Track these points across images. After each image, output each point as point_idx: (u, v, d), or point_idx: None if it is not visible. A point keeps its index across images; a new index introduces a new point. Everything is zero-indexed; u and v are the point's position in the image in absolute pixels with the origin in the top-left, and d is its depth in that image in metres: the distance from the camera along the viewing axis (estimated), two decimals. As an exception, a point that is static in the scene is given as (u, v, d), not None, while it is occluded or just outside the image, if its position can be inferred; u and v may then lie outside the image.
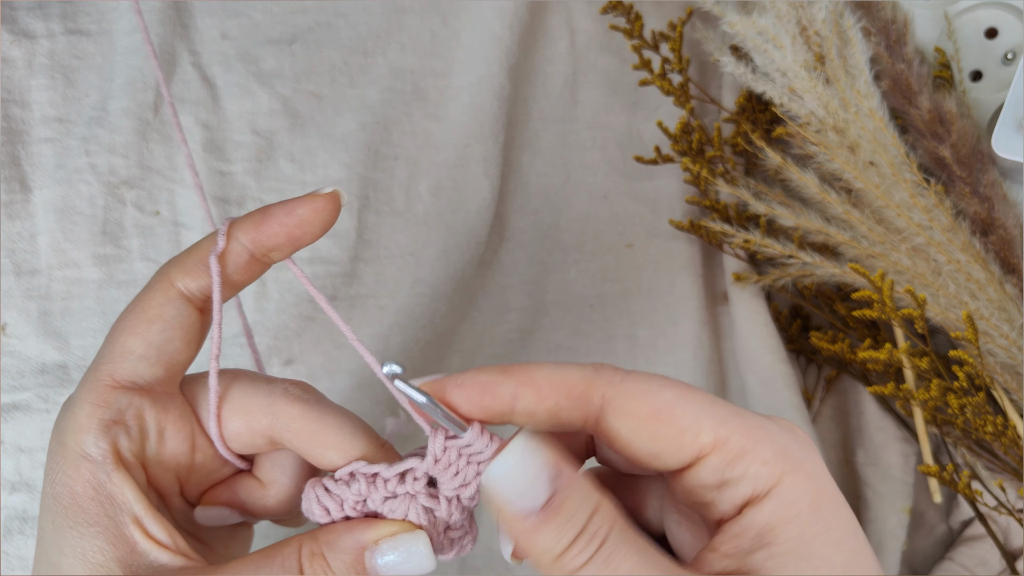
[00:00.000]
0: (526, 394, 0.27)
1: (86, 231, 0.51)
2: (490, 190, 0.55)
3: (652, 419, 0.26)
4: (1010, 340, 0.48)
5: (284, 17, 0.57)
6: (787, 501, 0.26)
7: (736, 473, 0.26)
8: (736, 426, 0.26)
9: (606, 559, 0.25)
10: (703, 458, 0.26)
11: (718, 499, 0.27)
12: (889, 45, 0.52)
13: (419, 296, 0.52)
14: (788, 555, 0.25)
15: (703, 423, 0.26)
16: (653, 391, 0.27)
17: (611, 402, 0.27)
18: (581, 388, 0.27)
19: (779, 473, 0.26)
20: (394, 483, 0.28)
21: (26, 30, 0.53)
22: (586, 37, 0.61)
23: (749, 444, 0.26)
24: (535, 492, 0.25)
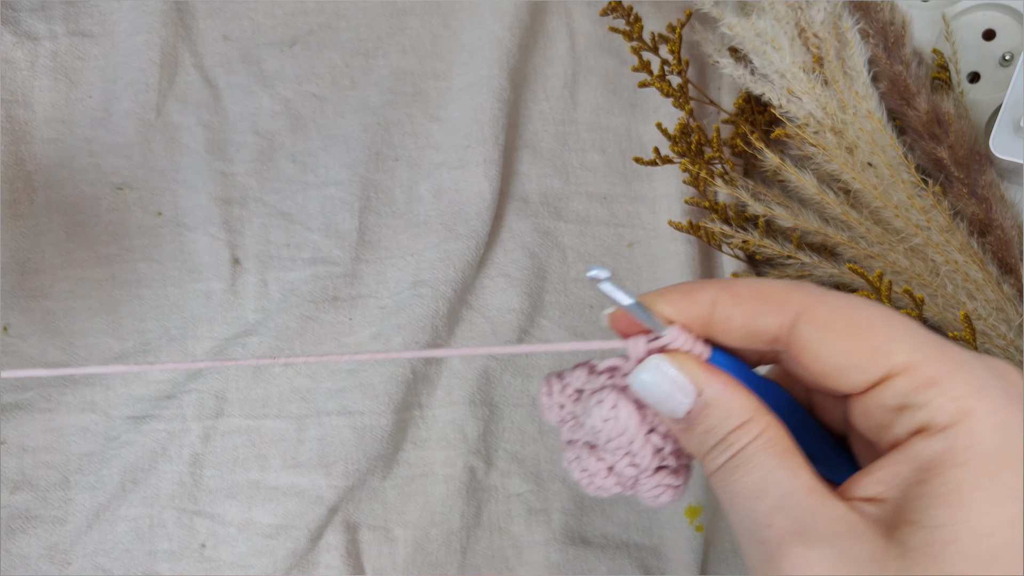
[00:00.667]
0: (724, 299, 0.27)
1: (89, 231, 0.51)
2: (490, 191, 0.55)
3: (847, 332, 0.25)
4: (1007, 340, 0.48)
5: (285, 19, 0.57)
6: (962, 443, 0.24)
7: (920, 400, 0.24)
8: (934, 354, 0.25)
9: (734, 468, 0.26)
10: (891, 379, 0.25)
11: (895, 423, 0.25)
12: (887, 47, 0.52)
13: (420, 297, 0.52)
14: (938, 498, 0.23)
15: (900, 343, 0.25)
16: (854, 306, 0.26)
17: (808, 310, 0.26)
18: (780, 295, 0.26)
19: (965, 412, 0.24)
20: (602, 378, 0.28)
21: (29, 31, 0.54)
22: (586, 39, 0.61)
23: (943, 374, 0.24)
24: (674, 403, 0.27)
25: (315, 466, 0.49)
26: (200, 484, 0.49)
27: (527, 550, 0.51)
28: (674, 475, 0.29)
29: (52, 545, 0.47)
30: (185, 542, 0.48)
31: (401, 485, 0.51)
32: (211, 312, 0.52)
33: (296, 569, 0.48)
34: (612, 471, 0.29)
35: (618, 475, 0.29)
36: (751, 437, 0.26)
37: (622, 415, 0.28)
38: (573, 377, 0.29)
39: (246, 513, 0.49)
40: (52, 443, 0.49)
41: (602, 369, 0.28)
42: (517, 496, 0.52)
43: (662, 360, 0.27)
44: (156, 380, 0.50)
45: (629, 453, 0.28)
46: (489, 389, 0.53)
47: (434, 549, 0.50)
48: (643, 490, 0.29)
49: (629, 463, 0.28)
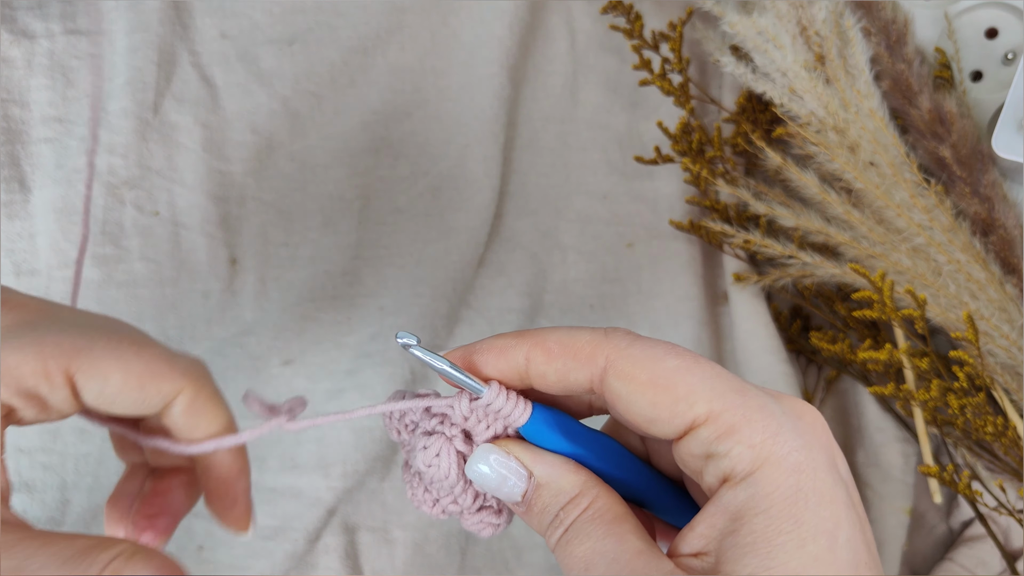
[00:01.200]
0: (537, 356, 0.28)
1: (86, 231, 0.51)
2: (490, 190, 0.55)
3: (650, 385, 0.27)
4: (1010, 340, 0.48)
5: (284, 17, 0.57)
6: (762, 491, 0.25)
7: (722, 449, 0.26)
8: (733, 402, 0.26)
9: (567, 542, 0.27)
10: (695, 428, 0.26)
11: (704, 470, 0.27)
12: (889, 45, 0.52)
13: (419, 296, 0.52)
14: (747, 548, 0.25)
15: (700, 394, 0.26)
16: (657, 358, 0.27)
17: (614, 364, 0.27)
18: (588, 350, 0.27)
19: (763, 458, 0.25)
20: (434, 421, 0.29)
21: (25, 30, 0.53)
22: (586, 37, 0.61)
23: (741, 423, 0.26)
24: (508, 489, 0.28)
25: (313, 468, 0.49)
26: (198, 485, 0.49)
27: (526, 552, 0.51)
28: (496, 514, 0.30)
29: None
30: (183, 544, 0.48)
31: (400, 487, 0.50)
32: (209, 312, 0.52)
33: (294, 571, 0.48)
34: (437, 503, 0.30)
35: (443, 508, 0.30)
36: (580, 510, 0.27)
37: (443, 464, 0.29)
38: (408, 413, 0.30)
39: (244, 514, 0.49)
40: (49, 444, 0.49)
41: (435, 412, 0.29)
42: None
43: (491, 450, 0.28)
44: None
45: (452, 494, 0.30)
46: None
47: (433, 551, 0.50)
48: (467, 524, 0.31)
49: (452, 501, 0.30)
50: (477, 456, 0.29)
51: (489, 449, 0.29)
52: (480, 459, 0.28)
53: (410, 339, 0.28)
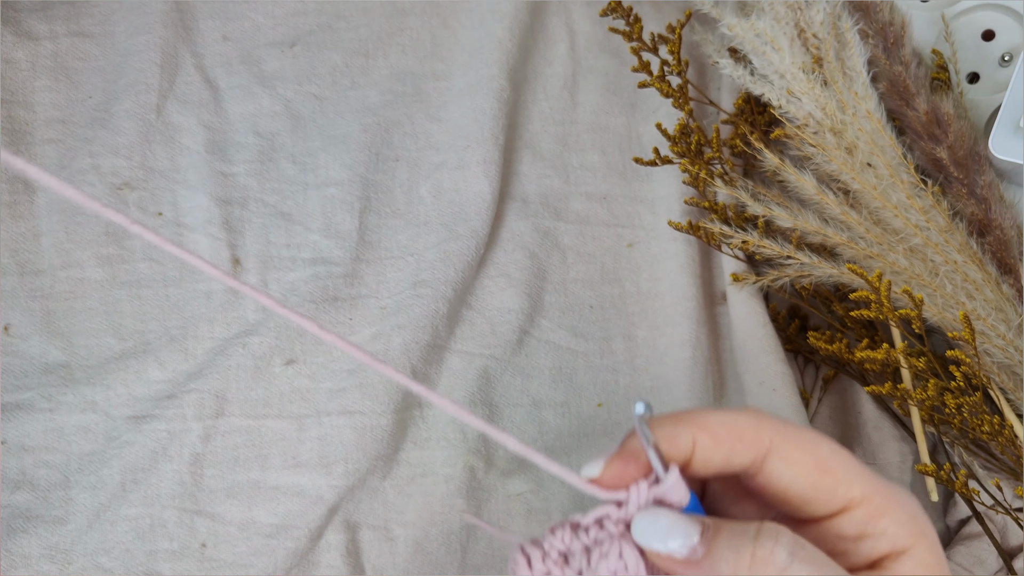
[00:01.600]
0: (703, 440, 0.29)
1: (89, 232, 0.51)
2: (490, 192, 0.55)
3: (814, 469, 0.29)
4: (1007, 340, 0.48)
5: (285, 19, 0.57)
6: (923, 562, 0.29)
7: (877, 529, 0.29)
8: (879, 487, 0.29)
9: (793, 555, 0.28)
10: (849, 511, 0.29)
11: (853, 550, 0.29)
12: (887, 47, 0.52)
13: (420, 297, 0.52)
14: None
15: (855, 479, 0.29)
16: (815, 442, 0.29)
17: (778, 448, 0.29)
18: (752, 433, 0.29)
19: (914, 536, 0.29)
20: (595, 531, 0.28)
21: (29, 32, 0.54)
22: (585, 39, 0.61)
23: (890, 505, 0.29)
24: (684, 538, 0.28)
25: (315, 466, 0.49)
26: (200, 484, 0.49)
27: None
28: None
29: (52, 545, 0.47)
30: (185, 542, 0.48)
31: (401, 485, 0.51)
32: (212, 312, 0.52)
33: (296, 569, 0.48)
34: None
35: None
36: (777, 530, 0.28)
37: (631, 561, 0.28)
38: (555, 540, 0.29)
39: (246, 513, 0.49)
40: (53, 443, 0.49)
41: (588, 523, 0.29)
42: (517, 496, 0.52)
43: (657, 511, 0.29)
44: (156, 380, 0.50)
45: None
46: (489, 389, 0.53)
47: (434, 549, 0.50)
48: None
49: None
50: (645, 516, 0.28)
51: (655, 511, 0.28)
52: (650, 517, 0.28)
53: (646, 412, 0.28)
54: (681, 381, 0.54)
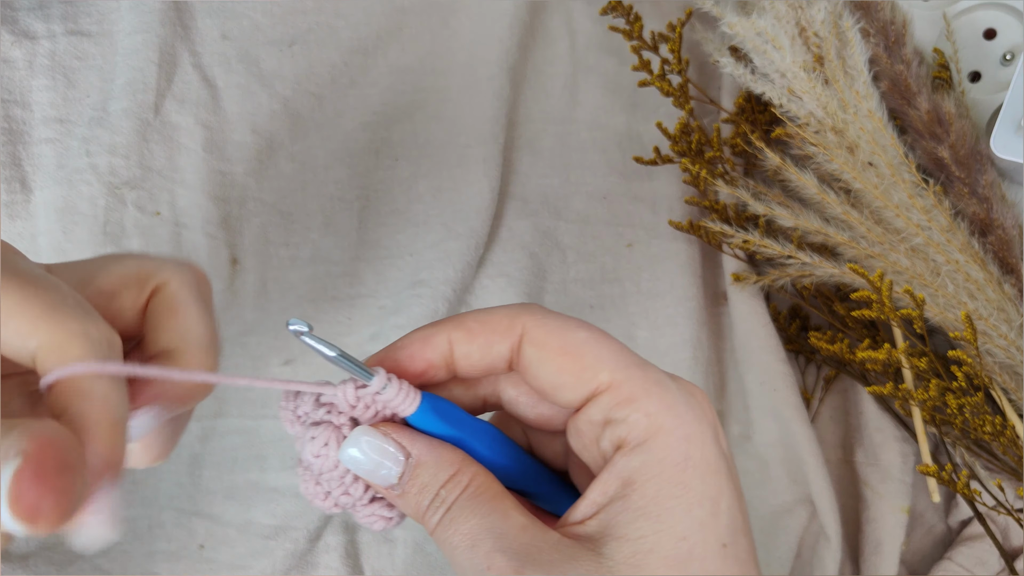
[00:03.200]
0: (459, 337, 0.29)
1: (87, 231, 0.51)
2: (490, 191, 0.55)
3: (560, 352, 0.28)
4: (1008, 340, 0.48)
5: (284, 18, 0.57)
6: (655, 457, 0.27)
7: (620, 415, 0.27)
8: (634, 375, 0.28)
9: (451, 520, 0.28)
10: (597, 396, 0.28)
11: (601, 437, 0.28)
12: (888, 46, 0.52)
13: (419, 296, 0.52)
14: (638, 512, 0.26)
15: (605, 363, 0.28)
16: (569, 329, 0.29)
17: (528, 332, 0.29)
18: (506, 323, 0.29)
19: (656, 427, 0.27)
20: (321, 411, 0.29)
21: (27, 31, 0.53)
22: (586, 38, 0.61)
23: (639, 393, 0.28)
24: (385, 471, 0.28)
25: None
26: (199, 485, 0.49)
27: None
28: (388, 507, 0.30)
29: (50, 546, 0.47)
30: (184, 543, 0.48)
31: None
32: (210, 312, 0.52)
33: (295, 570, 0.48)
34: (329, 496, 0.30)
35: (335, 501, 0.30)
36: (461, 488, 0.28)
37: (332, 454, 0.29)
38: (302, 401, 0.30)
39: (245, 514, 0.49)
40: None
41: (323, 402, 0.29)
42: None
43: (365, 432, 0.28)
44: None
45: (342, 485, 0.29)
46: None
47: (433, 550, 0.50)
48: (359, 518, 0.30)
49: (343, 493, 0.30)
50: (350, 440, 0.28)
51: (362, 431, 0.28)
52: (352, 443, 0.28)
53: (301, 326, 0.27)
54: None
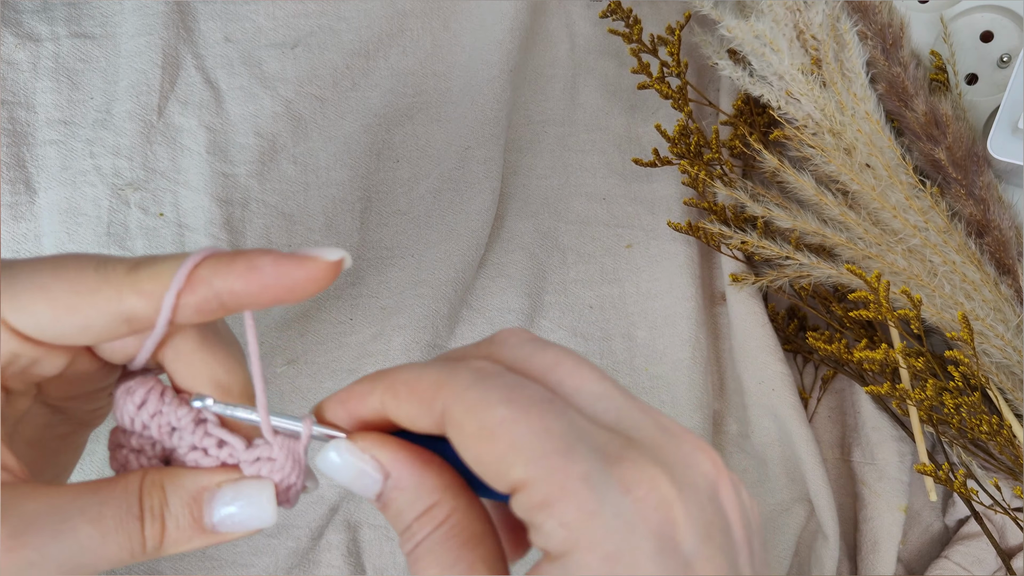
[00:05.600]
0: (387, 400, 0.26)
1: (91, 233, 0.51)
2: (490, 192, 0.55)
3: (476, 437, 0.24)
4: (1005, 340, 0.49)
5: (287, 21, 0.57)
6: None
7: (536, 521, 0.23)
8: (553, 469, 0.23)
9: (416, 560, 0.25)
10: (515, 492, 0.24)
11: (532, 536, 0.24)
12: (885, 48, 0.53)
13: (420, 297, 0.52)
14: None
15: (521, 454, 0.23)
16: (490, 405, 0.24)
17: (448, 410, 0.24)
18: (430, 392, 0.25)
19: (574, 542, 0.23)
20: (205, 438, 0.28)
21: (31, 33, 0.54)
22: (585, 41, 0.61)
23: (556, 496, 0.23)
24: (363, 484, 0.26)
25: None
26: (202, 484, 0.49)
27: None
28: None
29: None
30: (187, 541, 0.48)
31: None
32: (213, 312, 0.52)
33: (297, 568, 0.48)
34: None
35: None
36: (434, 525, 0.25)
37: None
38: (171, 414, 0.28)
39: (247, 512, 0.49)
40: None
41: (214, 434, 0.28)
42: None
43: (346, 442, 0.26)
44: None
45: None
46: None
47: (434, 548, 0.50)
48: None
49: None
50: (332, 446, 0.26)
51: (343, 441, 0.26)
52: (334, 448, 0.26)
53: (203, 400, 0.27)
54: (680, 381, 0.54)
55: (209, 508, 0.26)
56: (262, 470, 0.27)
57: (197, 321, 0.26)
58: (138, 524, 0.25)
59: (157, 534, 0.26)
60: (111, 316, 0.25)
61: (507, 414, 0.23)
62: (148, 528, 0.26)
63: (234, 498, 0.26)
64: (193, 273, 0.25)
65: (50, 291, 0.25)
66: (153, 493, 0.26)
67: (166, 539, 0.26)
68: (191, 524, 0.26)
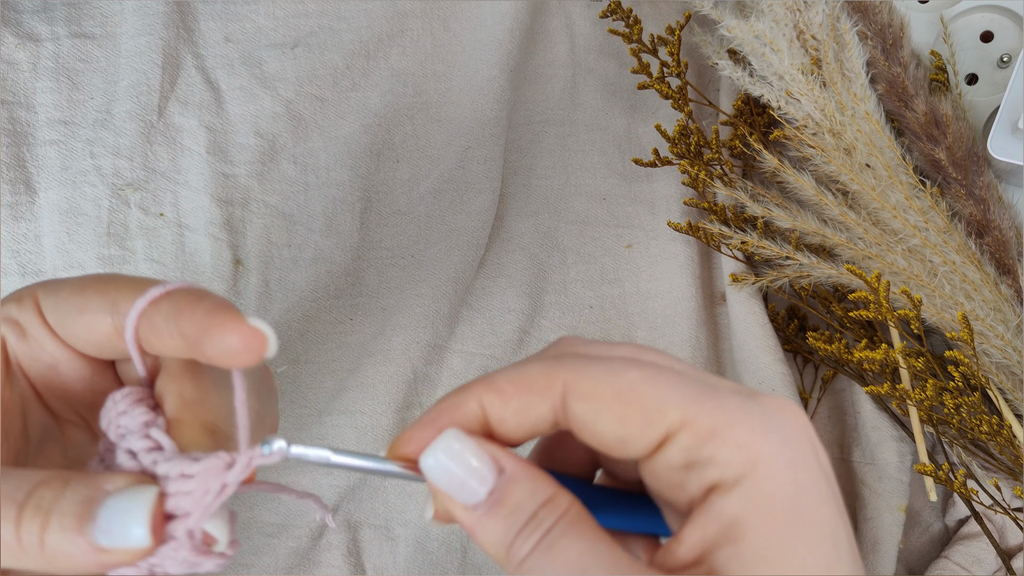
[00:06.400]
0: (491, 401, 0.25)
1: (91, 233, 0.51)
2: (490, 192, 0.55)
3: (616, 399, 0.24)
4: (1005, 340, 0.49)
5: (287, 21, 0.57)
6: (760, 492, 0.23)
7: (705, 454, 0.23)
8: (709, 405, 0.24)
9: (550, 547, 0.24)
10: (671, 437, 0.24)
11: (686, 481, 0.24)
12: (885, 48, 0.53)
13: (420, 297, 0.52)
14: (755, 557, 0.23)
15: (671, 401, 0.24)
16: (616, 371, 0.24)
17: (572, 387, 0.24)
18: (543, 380, 0.25)
19: (754, 459, 0.23)
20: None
21: (31, 33, 0.54)
22: (585, 41, 0.62)
23: (722, 423, 0.23)
24: (473, 485, 0.24)
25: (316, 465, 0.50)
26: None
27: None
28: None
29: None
30: (187, 541, 0.49)
31: (402, 484, 0.51)
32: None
33: (298, 568, 0.48)
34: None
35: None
36: (561, 511, 0.24)
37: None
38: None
39: (248, 512, 0.49)
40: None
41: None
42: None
43: (456, 437, 0.25)
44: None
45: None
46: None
47: (434, 548, 0.50)
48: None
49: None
50: (438, 446, 0.24)
51: (453, 436, 0.25)
52: (441, 449, 0.24)
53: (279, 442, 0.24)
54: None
55: (95, 514, 0.23)
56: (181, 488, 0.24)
57: (156, 351, 0.26)
58: (16, 512, 0.23)
59: (36, 529, 0.23)
60: (106, 324, 0.26)
61: (640, 374, 0.24)
62: (27, 521, 0.23)
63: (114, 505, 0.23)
64: (154, 301, 0.26)
65: (83, 294, 0.27)
66: (52, 486, 0.23)
67: (47, 539, 0.23)
68: (75, 527, 0.23)
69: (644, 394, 0.24)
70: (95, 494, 0.23)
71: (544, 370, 0.25)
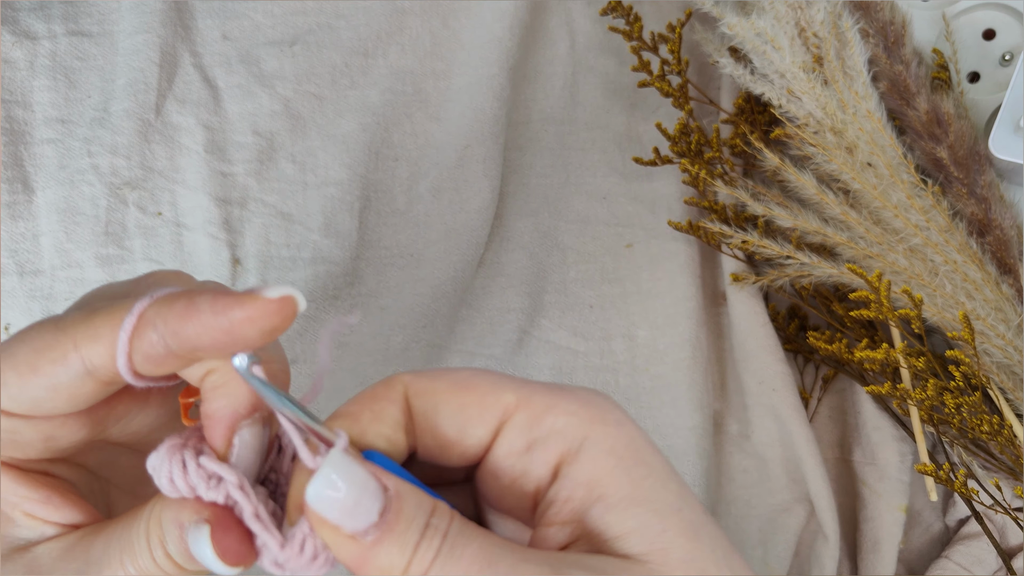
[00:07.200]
0: (348, 426, 0.25)
1: (89, 232, 0.51)
2: (490, 191, 0.55)
3: (452, 389, 0.26)
4: (1006, 340, 0.49)
5: (285, 18, 0.57)
6: (604, 449, 0.25)
7: (544, 430, 0.25)
8: (536, 389, 0.26)
9: (450, 550, 0.24)
10: (509, 419, 0.26)
11: (531, 465, 0.26)
12: (887, 46, 0.52)
13: (420, 296, 0.52)
14: (625, 502, 0.25)
15: (505, 385, 0.26)
16: (450, 370, 0.27)
17: (412, 387, 0.26)
18: (382, 388, 0.26)
19: (587, 423, 0.25)
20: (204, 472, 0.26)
21: (28, 31, 0.54)
22: (586, 39, 0.61)
23: (553, 399, 0.26)
24: (365, 507, 0.23)
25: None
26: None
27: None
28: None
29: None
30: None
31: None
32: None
33: (297, 569, 0.48)
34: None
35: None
36: (450, 513, 0.25)
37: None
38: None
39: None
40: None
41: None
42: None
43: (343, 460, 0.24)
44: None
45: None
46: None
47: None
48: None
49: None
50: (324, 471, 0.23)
51: (340, 459, 0.23)
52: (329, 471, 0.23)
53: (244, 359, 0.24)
54: (681, 381, 0.54)
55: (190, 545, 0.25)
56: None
57: (155, 372, 0.25)
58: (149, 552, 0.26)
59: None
60: (73, 370, 0.25)
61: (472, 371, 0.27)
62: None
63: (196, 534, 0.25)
64: (143, 314, 0.25)
65: (14, 356, 0.25)
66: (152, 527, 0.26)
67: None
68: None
69: (479, 383, 0.26)
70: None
71: (383, 382, 0.26)
